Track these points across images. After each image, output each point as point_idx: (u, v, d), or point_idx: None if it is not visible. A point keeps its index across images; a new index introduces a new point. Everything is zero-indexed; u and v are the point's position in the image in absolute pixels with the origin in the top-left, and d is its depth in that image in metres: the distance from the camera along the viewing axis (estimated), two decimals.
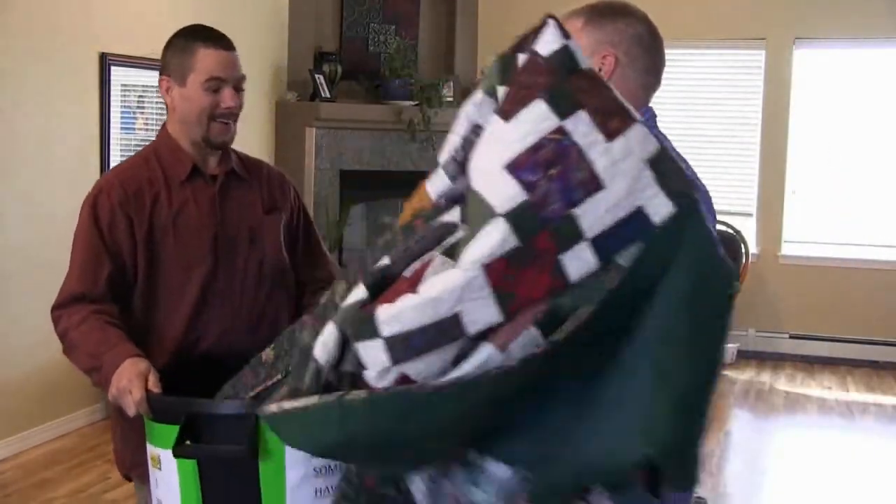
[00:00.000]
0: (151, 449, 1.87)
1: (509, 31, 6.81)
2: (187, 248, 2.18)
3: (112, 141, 5.23)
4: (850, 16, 6.20)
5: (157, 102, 5.44)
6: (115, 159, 5.22)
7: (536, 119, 1.31)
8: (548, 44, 1.40)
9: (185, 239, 2.17)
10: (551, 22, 1.43)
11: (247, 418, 1.71)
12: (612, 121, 1.32)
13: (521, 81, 1.38)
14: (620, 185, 1.28)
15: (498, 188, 1.30)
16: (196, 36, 2.19)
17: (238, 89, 2.20)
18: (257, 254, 2.26)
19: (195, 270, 2.18)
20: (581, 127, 1.31)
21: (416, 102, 6.26)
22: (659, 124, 2.18)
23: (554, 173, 1.28)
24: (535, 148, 1.30)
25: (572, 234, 1.27)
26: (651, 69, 2.02)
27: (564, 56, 1.38)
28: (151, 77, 5.41)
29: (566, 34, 1.41)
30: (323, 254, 2.48)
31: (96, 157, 5.16)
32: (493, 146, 1.34)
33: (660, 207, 1.29)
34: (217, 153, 2.25)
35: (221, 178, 2.25)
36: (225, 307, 2.21)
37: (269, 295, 2.28)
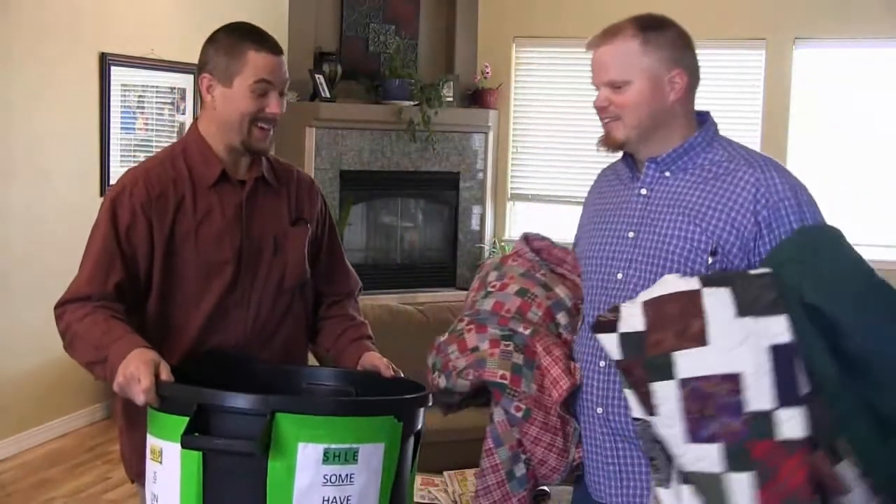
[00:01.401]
0: (152, 440, 1.80)
1: (509, 31, 6.83)
2: (208, 257, 2.09)
3: (112, 141, 5.23)
4: (850, 16, 6.19)
5: (157, 102, 5.44)
6: (115, 159, 5.23)
7: None
8: None
9: (206, 247, 2.09)
10: None
11: (262, 413, 1.65)
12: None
13: None
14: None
15: None
16: (246, 36, 2.10)
17: (282, 94, 2.13)
18: (279, 266, 2.17)
19: (214, 281, 2.09)
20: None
21: (416, 102, 6.26)
22: None
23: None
24: None
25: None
26: (699, 72, 2.00)
27: None
28: (151, 77, 5.41)
29: None
30: (344, 266, 2.39)
31: (96, 156, 5.16)
32: None
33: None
34: (248, 157, 2.16)
35: (250, 184, 2.16)
36: (240, 319, 2.13)
37: (286, 309, 2.20)
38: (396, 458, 1.81)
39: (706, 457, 1.67)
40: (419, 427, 1.91)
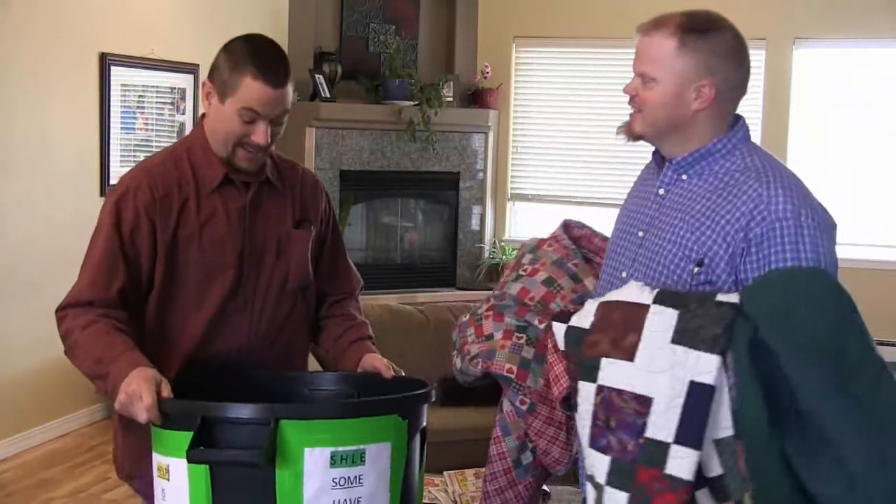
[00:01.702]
0: (158, 458, 1.80)
1: (509, 31, 6.84)
2: (211, 261, 2.07)
3: (112, 141, 5.23)
4: (850, 16, 6.19)
5: (157, 102, 5.44)
6: (115, 159, 5.23)
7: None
8: None
9: (209, 250, 2.06)
10: None
11: (265, 422, 1.65)
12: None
13: None
14: None
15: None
16: (252, 59, 2.03)
17: (276, 123, 2.08)
18: (282, 269, 2.15)
19: (216, 284, 2.07)
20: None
21: (416, 102, 6.26)
22: None
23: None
24: None
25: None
26: (744, 82, 1.95)
27: None
28: (151, 77, 5.41)
29: None
30: (347, 265, 2.37)
31: (96, 156, 5.16)
32: None
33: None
34: None
35: (254, 187, 2.13)
36: (243, 322, 2.11)
37: (289, 311, 2.18)
38: (404, 456, 1.81)
39: (597, 465, 1.69)
40: (424, 424, 1.91)
